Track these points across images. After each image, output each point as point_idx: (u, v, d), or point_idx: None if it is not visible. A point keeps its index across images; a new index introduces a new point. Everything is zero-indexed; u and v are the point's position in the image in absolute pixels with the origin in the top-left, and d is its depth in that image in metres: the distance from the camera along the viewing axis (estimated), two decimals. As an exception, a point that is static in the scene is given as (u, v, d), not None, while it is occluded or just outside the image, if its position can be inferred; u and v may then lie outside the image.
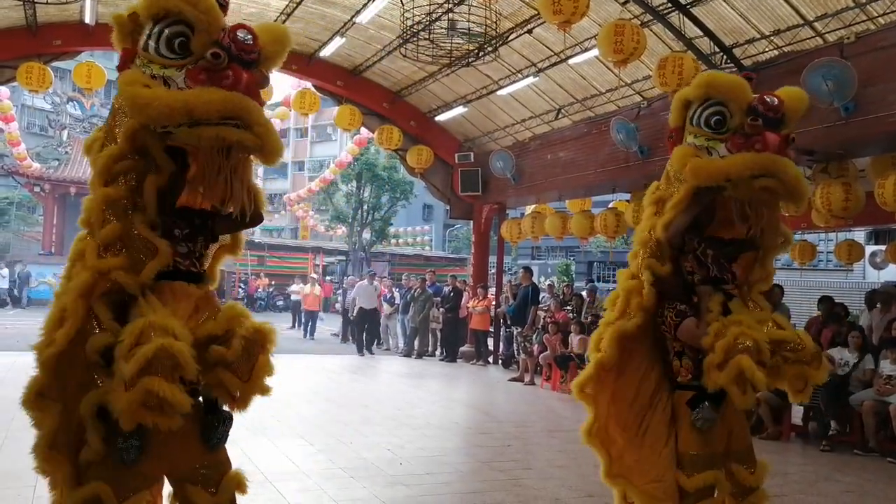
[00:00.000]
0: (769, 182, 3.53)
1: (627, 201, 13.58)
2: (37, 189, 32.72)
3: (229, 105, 2.83)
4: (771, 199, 3.78)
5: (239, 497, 3.18)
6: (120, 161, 3.02)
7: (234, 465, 3.31)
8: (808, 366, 3.72)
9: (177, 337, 2.84)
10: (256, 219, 3.42)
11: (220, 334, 3.12)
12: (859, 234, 18.41)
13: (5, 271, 28.61)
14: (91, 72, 13.05)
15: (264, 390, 3.21)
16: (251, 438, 7.03)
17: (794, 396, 3.88)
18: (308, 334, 20.35)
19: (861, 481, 6.89)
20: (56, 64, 14.13)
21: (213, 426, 3.18)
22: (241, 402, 3.20)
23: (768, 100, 3.64)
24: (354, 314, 17.32)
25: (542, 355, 12.82)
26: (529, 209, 16.56)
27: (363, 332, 17.06)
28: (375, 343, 17.67)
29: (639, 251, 3.98)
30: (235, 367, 3.11)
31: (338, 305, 20.94)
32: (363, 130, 17.99)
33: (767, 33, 9.63)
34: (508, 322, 14.79)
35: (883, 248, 16.55)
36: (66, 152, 33.29)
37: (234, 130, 2.86)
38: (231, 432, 3.25)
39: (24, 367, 3.19)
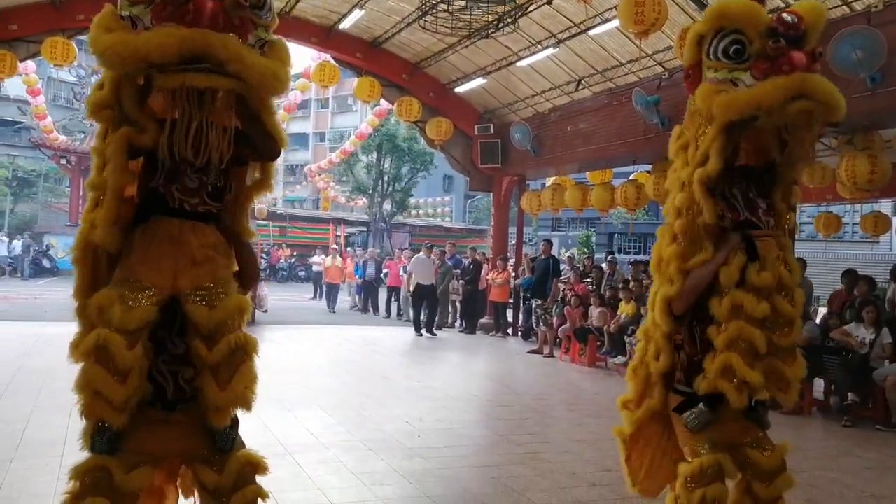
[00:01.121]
0: (805, 104, 3.30)
1: (648, 173, 13.46)
2: (63, 161, 33.11)
3: (188, 44, 2.53)
4: (808, 121, 3.53)
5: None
6: (102, 110, 2.86)
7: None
8: (780, 360, 3.60)
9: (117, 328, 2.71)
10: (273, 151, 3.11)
11: (208, 327, 2.88)
12: (886, 206, 18.13)
13: (16, 243, 29.32)
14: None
15: (245, 402, 2.95)
16: (271, 409, 7.12)
17: (782, 399, 3.70)
18: (330, 306, 20.42)
19: (883, 457, 6.86)
20: (80, 38, 14.18)
21: (218, 431, 2.98)
22: (218, 414, 2.90)
23: (787, 18, 3.42)
24: (411, 290, 15.91)
25: (561, 328, 12.84)
26: (550, 181, 16.48)
27: (420, 310, 15.50)
28: (435, 324, 15.79)
29: (678, 214, 3.70)
30: (216, 372, 2.89)
31: (357, 276, 20.89)
32: (383, 102, 17.95)
33: (793, 2, 9.45)
34: (528, 294, 14.80)
35: (912, 219, 16.36)
36: (92, 124, 33.50)
37: (202, 76, 2.59)
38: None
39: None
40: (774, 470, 3.72)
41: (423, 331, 15.20)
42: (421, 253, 16.30)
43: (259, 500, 3.02)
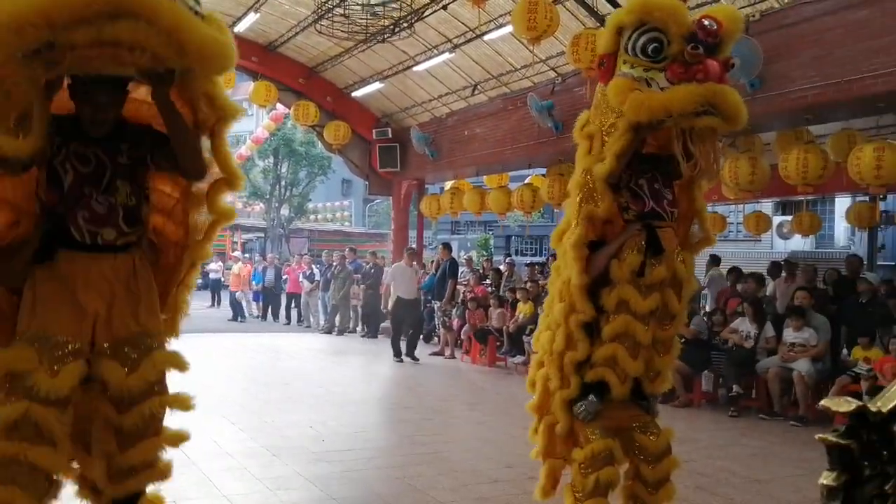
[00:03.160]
0: (711, 121, 3.41)
1: (543, 176, 13.81)
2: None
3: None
4: (712, 133, 3.70)
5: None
6: None
7: None
8: (656, 351, 3.83)
9: (39, 391, 2.40)
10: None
11: (121, 393, 2.60)
12: (767, 206, 19.17)
13: None
14: None
15: (151, 477, 2.77)
16: (171, 418, 6.91)
17: (647, 386, 3.91)
18: (239, 316, 19.87)
19: (766, 444, 7.25)
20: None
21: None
22: (114, 481, 2.69)
23: (707, 24, 3.45)
24: (390, 306, 13.38)
25: (461, 329, 13.00)
26: (448, 185, 16.66)
27: (400, 330, 12.82)
28: (417, 344, 13.11)
29: (575, 195, 3.81)
30: (121, 436, 2.69)
31: (256, 283, 20.51)
32: (279, 106, 17.72)
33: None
34: (430, 297, 14.90)
35: (789, 218, 17.28)
36: None
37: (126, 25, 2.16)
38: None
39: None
40: (660, 452, 3.94)
41: (404, 356, 12.55)
42: (402, 261, 13.57)
43: None
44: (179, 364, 2.70)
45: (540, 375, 4.14)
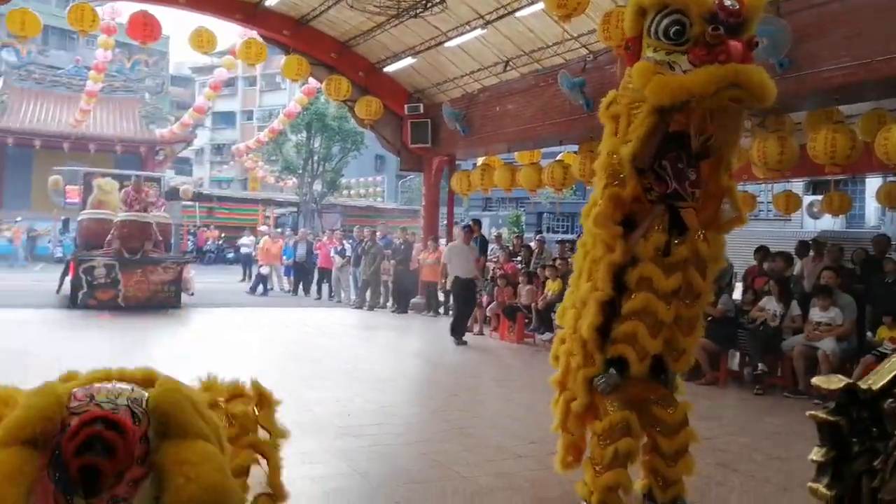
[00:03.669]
0: (736, 92, 3.43)
1: (575, 153, 13.73)
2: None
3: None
4: (737, 109, 3.73)
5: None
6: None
7: None
8: (679, 330, 3.93)
9: None
10: None
11: None
12: (798, 185, 18.89)
13: None
14: (25, 18, 12.60)
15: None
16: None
17: (671, 364, 4.04)
18: (261, 288, 20.07)
19: (789, 422, 7.22)
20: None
21: None
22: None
23: (729, 4, 3.48)
24: (449, 284, 12.71)
25: (490, 306, 13.04)
26: (479, 161, 16.64)
27: (462, 311, 12.39)
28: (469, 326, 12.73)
29: (601, 175, 3.87)
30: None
31: (287, 258, 20.72)
32: (312, 80, 17.77)
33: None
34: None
35: (819, 198, 17.04)
36: (2, 101, 32.14)
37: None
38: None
39: None
40: (677, 425, 4.01)
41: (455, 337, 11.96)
42: (458, 240, 12.81)
43: None
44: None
45: (563, 350, 4.20)
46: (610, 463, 3.87)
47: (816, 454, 2.02)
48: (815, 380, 2.18)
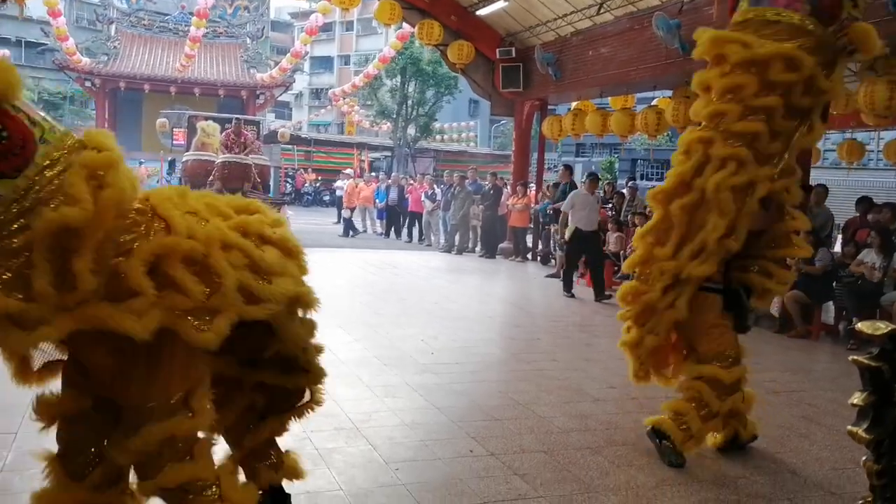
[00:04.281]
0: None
1: (669, 98, 13.36)
2: (87, 84, 33.17)
3: None
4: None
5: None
6: None
7: None
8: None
9: None
10: None
11: None
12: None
13: None
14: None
15: None
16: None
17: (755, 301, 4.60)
18: (350, 231, 20.56)
19: (881, 378, 7.05)
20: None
21: None
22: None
23: None
24: (566, 238, 11.57)
25: (579, 253, 12.97)
26: (572, 106, 16.39)
27: (573, 263, 11.75)
28: (604, 281, 11.56)
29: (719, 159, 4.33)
30: None
31: (379, 201, 21.09)
32: (406, 25, 17.78)
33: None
34: (548, 219, 14.90)
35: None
36: (115, 47, 33.50)
37: None
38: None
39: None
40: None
41: (594, 297, 11.21)
42: (581, 188, 11.95)
43: None
44: None
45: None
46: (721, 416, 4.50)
47: (857, 398, 2.04)
48: (859, 325, 2.19)
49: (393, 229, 20.54)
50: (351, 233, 20.30)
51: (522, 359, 7.12)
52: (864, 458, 2.34)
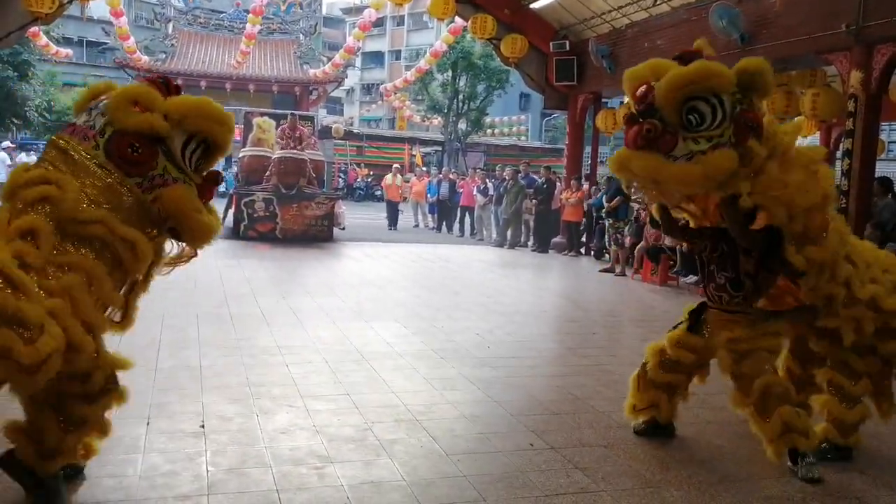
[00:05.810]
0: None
1: (727, 91, 13.11)
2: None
3: None
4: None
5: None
6: None
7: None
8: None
9: None
10: None
11: None
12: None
13: None
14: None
15: None
16: (349, 321, 7.54)
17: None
18: (392, 225, 20.70)
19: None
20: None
21: None
22: None
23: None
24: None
25: (634, 247, 12.87)
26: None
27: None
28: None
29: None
30: None
31: (431, 195, 21.16)
32: (458, 19, 17.79)
33: None
34: (602, 214, 14.76)
35: None
36: (172, 45, 34.20)
37: None
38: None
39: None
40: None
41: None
42: None
43: None
44: None
45: None
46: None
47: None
48: None
49: (444, 224, 20.59)
50: (391, 227, 20.43)
51: (579, 353, 7.09)
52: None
